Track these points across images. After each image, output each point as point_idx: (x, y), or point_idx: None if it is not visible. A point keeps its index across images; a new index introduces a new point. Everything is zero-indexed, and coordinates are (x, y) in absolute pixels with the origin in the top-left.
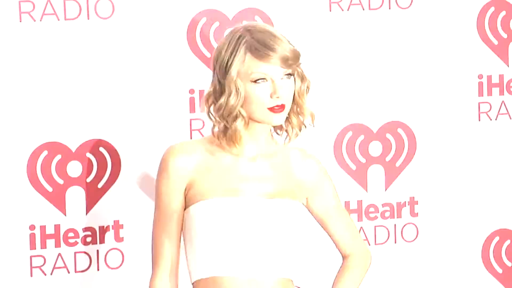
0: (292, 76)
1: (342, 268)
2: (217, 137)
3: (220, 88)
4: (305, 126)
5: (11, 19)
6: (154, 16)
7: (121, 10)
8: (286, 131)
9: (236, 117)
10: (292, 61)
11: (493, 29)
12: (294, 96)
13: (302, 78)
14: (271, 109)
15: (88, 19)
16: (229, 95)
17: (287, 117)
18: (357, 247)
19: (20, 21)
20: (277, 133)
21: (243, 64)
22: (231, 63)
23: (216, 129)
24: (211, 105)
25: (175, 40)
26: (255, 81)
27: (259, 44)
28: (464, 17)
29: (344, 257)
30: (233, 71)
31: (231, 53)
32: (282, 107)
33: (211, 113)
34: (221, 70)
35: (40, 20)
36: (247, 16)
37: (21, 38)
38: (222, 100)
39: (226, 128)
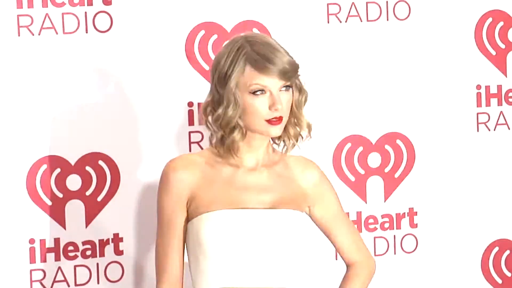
0: (291, 88)
1: (346, 276)
2: (215, 146)
3: (218, 98)
4: (302, 137)
5: (9, 33)
6: (152, 29)
7: (119, 23)
8: (284, 141)
9: (234, 128)
10: (291, 73)
11: (491, 40)
12: (291, 107)
13: (300, 90)
14: (269, 121)
15: (87, 32)
16: (228, 106)
17: (284, 128)
18: (361, 254)
19: (19, 35)
20: (275, 142)
21: (243, 75)
22: (230, 74)
23: (214, 138)
24: (209, 114)
25: (174, 53)
26: (253, 93)
27: (259, 56)
28: (462, 28)
29: (348, 265)
30: (232, 82)
31: (231, 64)
32: (279, 119)
33: (209, 123)
34: (220, 80)
35: (39, 34)
36: (245, 28)
37: (19, 52)
38: (220, 110)
39: (223, 138)
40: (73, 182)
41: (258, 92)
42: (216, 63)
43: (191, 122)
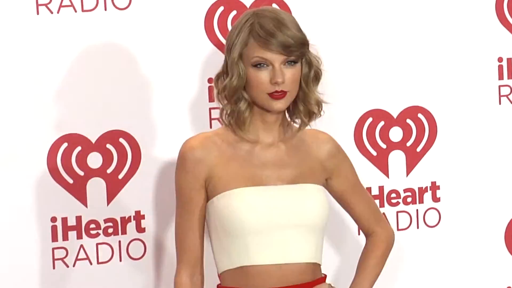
0: (297, 63)
1: (366, 248)
2: (229, 122)
3: (227, 69)
4: (315, 114)
5: (28, 12)
6: (172, 6)
7: (138, 0)
8: (296, 118)
9: (238, 100)
10: (295, 48)
11: None
12: (300, 83)
13: (310, 65)
14: (271, 95)
15: (105, 10)
16: (232, 77)
17: (295, 104)
18: (379, 224)
19: (38, 14)
20: (293, 120)
21: (246, 47)
22: (234, 45)
23: (224, 113)
24: (220, 86)
25: (193, 30)
26: (256, 66)
27: (261, 29)
28: (483, 0)
29: (367, 236)
30: (236, 53)
31: (237, 36)
32: (283, 93)
33: (219, 95)
34: (228, 51)
35: (58, 12)
36: (265, 4)
37: (38, 31)
38: (226, 81)
39: (233, 111)
40: (94, 160)
41: (259, 65)
42: (228, 35)
43: (211, 99)
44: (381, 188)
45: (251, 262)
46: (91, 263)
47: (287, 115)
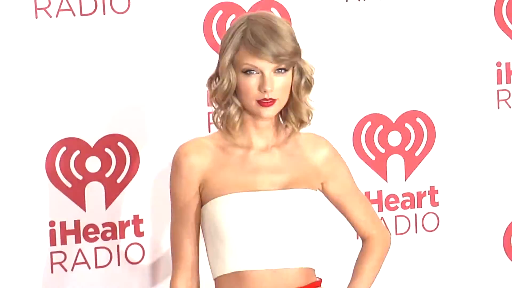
0: (288, 71)
1: (362, 251)
2: (221, 124)
3: (218, 73)
4: (304, 122)
5: (27, 15)
6: (170, 10)
7: (137, 4)
8: (288, 124)
9: (229, 104)
10: (285, 57)
11: (511, 16)
12: (291, 91)
13: (301, 74)
14: (260, 102)
15: (104, 14)
16: (222, 81)
17: (286, 112)
18: (376, 228)
19: (36, 18)
20: (286, 125)
21: (237, 53)
22: (226, 49)
23: (216, 116)
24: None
25: (192, 34)
26: (245, 72)
27: (252, 37)
28: (482, 4)
29: (363, 240)
30: (227, 58)
31: (229, 40)
32: (271, 101)
33: (211, 98)
34: (220, 55)
35: (56, 16)
36: (263, 8)
37: (37, 35)
38: (217, 85)
39: (223, 116)
40: (93, 164)
41: (249, 72)
42: (222, 38)
43: (209, 103)
44: (379, 193)
45: (245, 267)
46: (89, 267)
47: (280, 119)
